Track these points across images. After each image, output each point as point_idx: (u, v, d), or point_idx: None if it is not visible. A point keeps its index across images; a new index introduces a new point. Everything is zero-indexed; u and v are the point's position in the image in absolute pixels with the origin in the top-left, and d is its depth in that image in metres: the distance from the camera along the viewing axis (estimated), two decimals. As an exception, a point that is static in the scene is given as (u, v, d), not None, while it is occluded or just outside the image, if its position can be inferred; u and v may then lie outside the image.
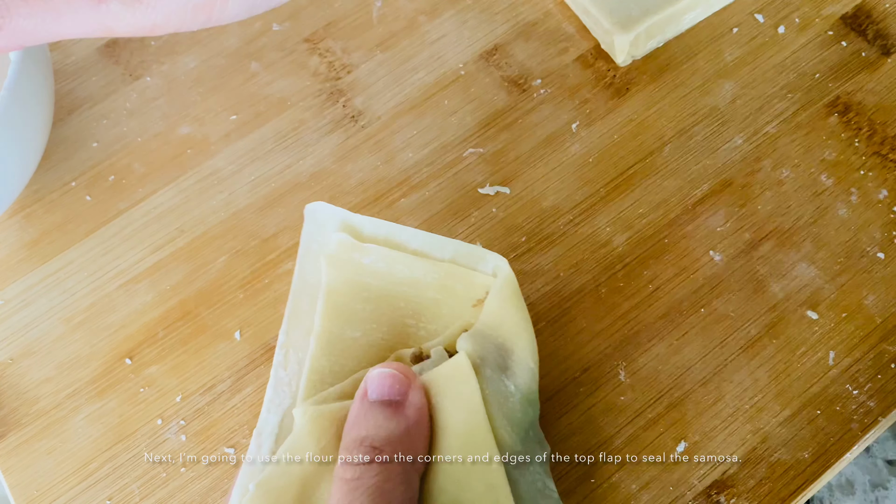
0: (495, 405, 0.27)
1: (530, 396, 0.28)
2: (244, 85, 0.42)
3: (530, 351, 0.28)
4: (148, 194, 0.39)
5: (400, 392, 0.26)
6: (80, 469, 0.33)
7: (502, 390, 0.27)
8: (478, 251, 0.30)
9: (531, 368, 0.28)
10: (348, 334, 0.29)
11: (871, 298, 0.35)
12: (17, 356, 0.36)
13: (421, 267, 0.30)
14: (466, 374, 0.27)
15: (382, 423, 0.25)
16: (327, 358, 0.29)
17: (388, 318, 0.30)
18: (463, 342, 0.28)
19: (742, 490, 0.32)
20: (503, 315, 0.29)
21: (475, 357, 0.27)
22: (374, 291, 0.30)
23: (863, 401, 0.33)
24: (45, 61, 0.36)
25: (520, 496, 0.26)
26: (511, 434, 0.27)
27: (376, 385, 0.26)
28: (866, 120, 0.39)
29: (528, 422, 0.28)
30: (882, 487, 0.38)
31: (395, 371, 0.26)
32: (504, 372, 0.28)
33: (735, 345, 0.34)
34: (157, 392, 0.35)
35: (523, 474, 0.27)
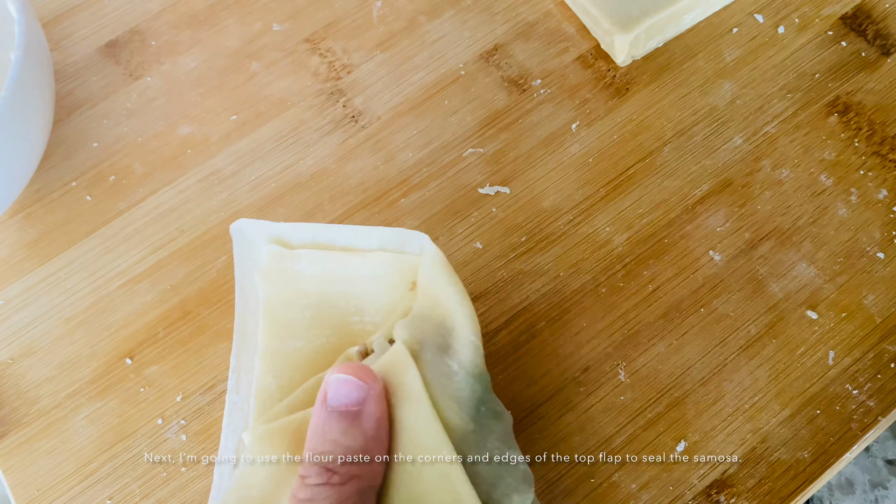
0: (439, 388, 0.26)
1: (475, 371, 0.27)
2: (244, 85, 0.42)
3: (469, 324, 0.27)
4: (148, 194, 0.39)
5: (357, 401, 0.25)
6: (81, 469, 0.33)
7: (445, 371, 0.26)
8: (402, 234, 0.30)
9: (472, 342, 0.27)
10: (291, 346, 0.29)
11: (871, 298, 0.35)
12: (18, 356, 0.36)
13: (352, 261, 0.29)
14: (405, 364, 0.26)
15: (339, 438, 0.24)
16: (273, 375, 0.28)
17: (330, 321, 0.29)
18: (399, 330, 0.27)
19: (742, 490, 0.32)
20: (436, 293, 0.28)
21: (413, 343, 0.27)
22: (311, 297, 0.29)
23: (862, 400, 0.33)
24: (45, 61, 0.36)
25: (480, 475, 0.25)
26: (460, 415, 0.26)
27: (333, 391, 0.25)
28: (866, 120, 0.39)
29: (476, 398, 0.27)
30: (882, 487, 0.38)
31: (354, 377, 0.25)
32: (445, 352, 0.27)
33: (735, 344, 0.34)
34: (157, 392, 0.35)
35: (481, 451, 0.26)
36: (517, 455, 0.27)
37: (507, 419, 0.28)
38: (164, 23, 0.44)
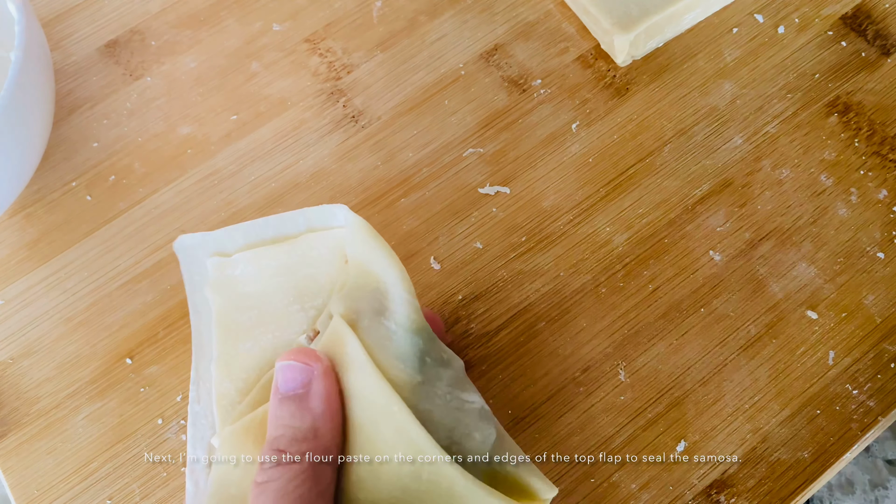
0: (382, 350, 0.27)
1: (412, 326, 0.27)
2: (244, 85, 0.42)
3: (401, 281, 0.28)
4: (148, 194, 0.39)
5: (303, 383, 0.26)
6: (81, 469, 0.33)
7: (383, 333, 0.27)
8: (325, 210, 0.30)
9: (406, 299, 0.28)
10: (241, 349, 0.29)
11: (871, 298, 0.35)
12: (18, 356, 0.36)
13: (283, 251, 0.30)
14: (343, 336, 0.27)
15: (289, 421, 0.25)
16: (229, 380, 0.29)
17: (273, 317, 0.30)
18: (334, 304, 0.28)
19: (742, 490, 0.32)
20: (365, 260, 0.29)
21: (350, 313, 0.27)
22: (252, 298, 0.30)
23: (862, 400, 0.33)
24: (45, 61, 0.36)
25: (437, 422, 0.26)
26: (405, 370, 0.27)
27: (281, 379, 0.26)
28: (866, 120, 0.39)
29: (419, 351, 0.27)
30: (882, 487, 0.38)
31: (296, 360, 0.26)
32: (382, 314, 0.28)
33: (735, 344, 0.34)
34: (157, 392, 0.35)
35: (433, 401, 0.27)
36: (470, 395, 0.28)
37: (455, 364, 0.29)
38: (164, 23, 0.44)
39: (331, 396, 0.26)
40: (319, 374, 0.26)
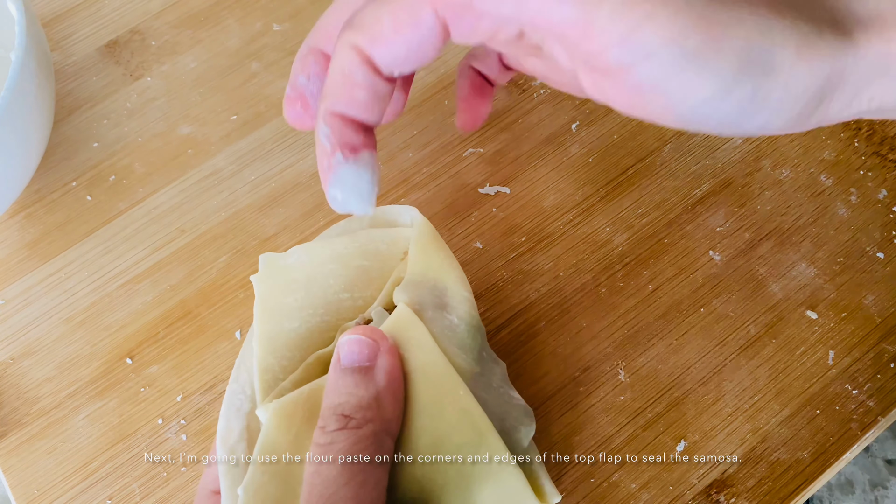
0: (445, 339, 0.28)
1: (473, 322, 0.29)
2: (245, 85, 0.42)
3: (461, 282, 0.29)
4: (148, 194, 0.39)
5: (369, 357, 0.26)
6: (81, 468, 0.33)
7: (447, 325, 0.28)
8: (393, 209, 0.32)
9: (466, 297, 0.29)
10: (286, 327, 0.30)
11: (871, 298, 0.35)
12: (18, 356, 0.36)
13: (340, 242, 0.31)
14: (411, 320, 0.28)
15: (353, 390, 0.26)
16: (273, 356, 0.29)
17: (322, 300, 0.30)
18: (399, 294, 0.29)
19: (742, 489, 0.32)
20: (428, 258, 0.30)
21: (414, 304, 0.28)
22: (301, 282, 0.30)
23: (862, 400, 0.33)
24: (45, 62, 0.36)
25: (490, 411, 0.27)
26: (467, 360, 0.28)
27: (346, 352, 0.27)
28: (866, 120, 0.39)
29: (478, 345, 0.29)
30: (881, 487, 0.38)
31: (363, 336, 0.27)
32: (444, 309, 0.29)
33: (734, 344, 0.35)
34: (157, 392, 0.35)
35: (488, 391, 0.28)
36: (516, 394, 0.29)
37: (502, 365, 0.30)
38: (165, 23, 0.44)
39: (395, 372, 0.27)
40: (385, 350, 0.27)
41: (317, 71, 0.28)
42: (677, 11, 0.20)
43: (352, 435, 0.25)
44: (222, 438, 0.28)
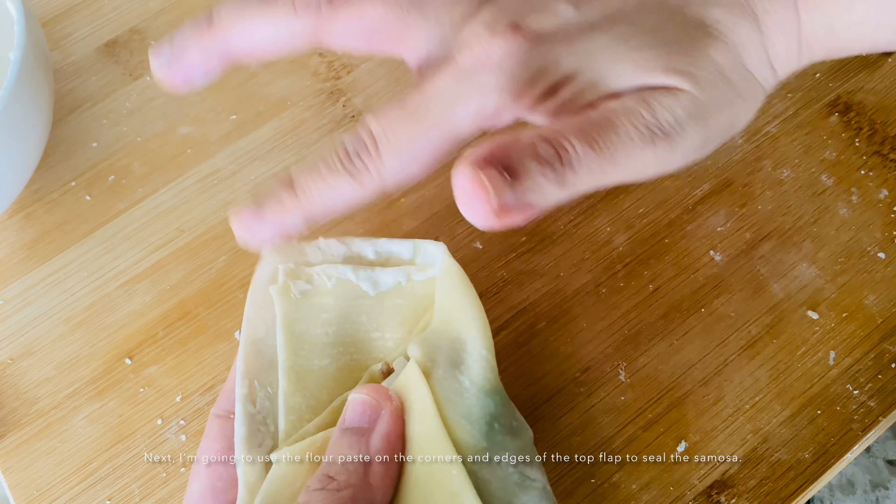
0: (450, 406, 0.26)
1: (486, 387, 0.27)
2: (244, 85, 0.42)
3: (482, 338, 0.27)
4: (148, 194, 0.39)
5: (369, 419, 0.26)
6: (80, 469, 0.33)
7: (455, 388, 0.26)
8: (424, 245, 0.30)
9: (484, 356, 0.27)
10: (316, 364, 0.29)
11: (872, 298, 0.35)
12: (17, 356, 0.36)
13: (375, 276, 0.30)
14: (416, 382, 0.26)
15: (345, 451, 0.25)
16: (301, 394, 0.28)
17: (353, 338, 0.29)
18: (412, 349, 0.27)
19: (742, 490, 0.32)
20: (451, 306, 0.28)
21: (425, 361, 0.27)
22: (332, 312, 0.29)
23: (863, 401, 0.33)
24: (45, 61, 0.36)
25: (492, 494, 0.25)
26: (471, 433, 0.25)
27: (350, 412, 0.26)
28: (867, 119, 0.39)
29: (489, 415, 0.26)
30: (882, 487, 0.38)
31: (367, 396, 0.26)
32: (458, 368, 0.27)
33: (735, 345, 0.34)
34: (156, 392, 0.35)
35: (493, 471, 0.25)
36: (535, 472, 0.26)
37: (524, 435, 0.27)
38: (164, 22, 0.44)
39: (392, 438, 0.26)
40: (387, 414, 0.26)
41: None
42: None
43: (328, 497, 0.24)
44: (243, 474, 0.27)
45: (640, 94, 0.24)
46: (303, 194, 0.25)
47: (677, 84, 0.24)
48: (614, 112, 0.24)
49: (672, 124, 0.24)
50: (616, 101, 0.24)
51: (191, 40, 0.27)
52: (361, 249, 0.31)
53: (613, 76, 0.24)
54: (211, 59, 0.27)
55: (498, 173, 0.23)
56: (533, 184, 0.23)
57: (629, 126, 0.23)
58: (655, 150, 0.24)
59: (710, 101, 0.25)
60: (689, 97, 0.24)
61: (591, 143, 0.23)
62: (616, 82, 0.24)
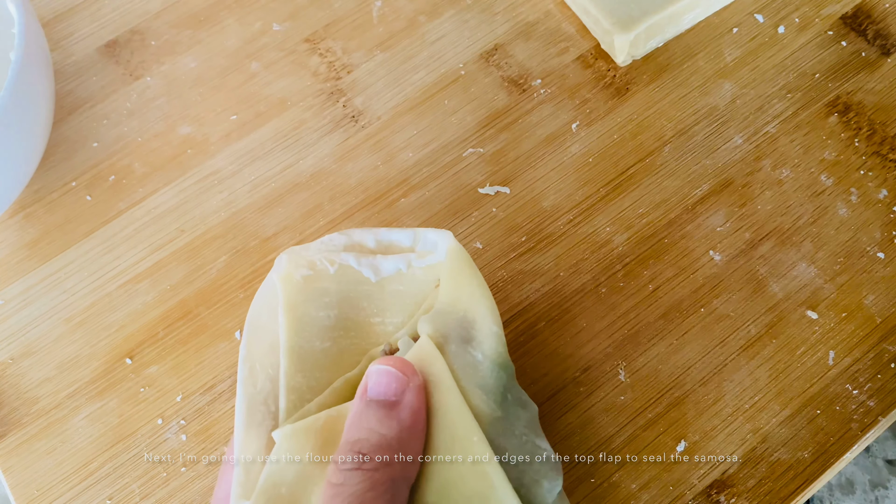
0: (466, 378, 0.26)
1: (499, 360, 0.27)
2: (244, 85, 0.42)
3: (491, 315, 0.28)
4: (148, 194, 0.39)
5: (396, 392, 0.25)
6: (81, 469, 0.33)
7: (470, 361, 0.27)
8: (427, 233, 0.30)
9: (495, 332, 0.28)
10: (317, 346, 0.29)
11: (871, 298, 0.35)
12: (18, 356, 0.36)
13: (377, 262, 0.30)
14: (432, 355, 0.26)
15: (375, 426, 0.24)
16: (302, 374, 0.28)
17: (354, 322, 0.29)
18: (422, 325, 0.28)
19: (742, 490, 0.32)
20: (458, 287, 0.29)
21: (437, 336, 0.27)
22: (334, 296, 0.30)
23: (863, 400, 0.33)
24: (45, 61, 0.36)
25: (509, 461, 0.26)
26: (487, 402, 0.26)
27: (374, 382, 0.26)
28: (866, 120, 0.39)
29: (502, 385, 0.27)
30: (882, 487, 0.38)
31: (393, 368, 0.26)
32: (469, 343, 0.27)
33: (735, 344, 0.34)
34: (157, 392, 0.35)
35: (509, 439, 0.26)
36: (544, 443, 0.27)
37: (531, 408, 0.28)
38: (164, 23, 0.44)
39: (421, 413, 0.25)
40: (414, 387, 0.25)
41: None
42: None
43: (366, 478, 0.23)
44: (240, 453, 0.27)
45: None
46: None
47: None
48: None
49: None
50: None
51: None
52: (362, 239, 0.31)
53: None
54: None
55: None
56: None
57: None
58: None
59: None
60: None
61: None
62: None
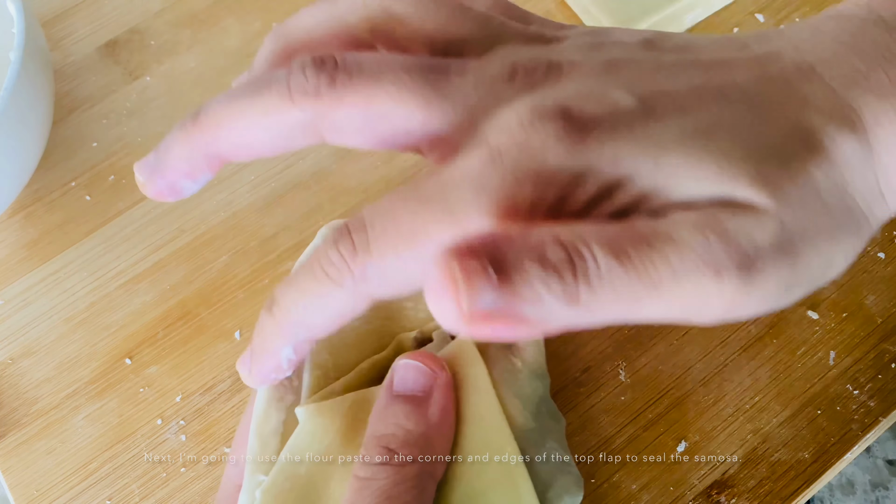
0: (504, 385, 0.26)
1: (538, 370, 0.27)
2: (244, 85, 0.42)
3: None
4: (148, 194, 0.39)
5: (424, 387, 0.25)
6: (80, 469, 0.33)
7: (509, 368, 0.26)
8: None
9: (536, 340, 0.27)
10: (349, 324, 0.29)
11: (872, 298, 0.35)
12: (17, 356, 0.36)
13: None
14: (472, 357, 0.26)
15: (402, 421, 0.24)
16: (328, 351, 0.28)
17: (386, 304, 0.29)
18: None
19: (742, 490, 0.32)
20: None
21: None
22: None
23: (863, 401, 0.33)
24: (44, 61, 0.36)
25: (537, 475, 0.25)
26: (523, 412, 0.26)
27: (400, 376, 0.25)
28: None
29: (538, 396, 0.27)
30: (882, 487, 0.38)
31: (422, 363, 0.25)
32: (509, 348, 0.27)
33: (736, 344, 0.34)
34: (156, 392, 0.35)
35: (540, 452, 0.26)
36: (570, 459, 0.27)
37: (561, 421, 0.28)
38: (164, 22, 0.44)
39: (449, 410, 0.25)
40: (442, 384, 0.25)
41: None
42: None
43: (394, 473, 0.23)
44: (258, 426, 0.27)
45: (710, 210, 0.18)
46: (282, 315, 0.22)
47: (762, 203, 0.18)
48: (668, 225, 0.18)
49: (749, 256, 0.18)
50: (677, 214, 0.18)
51: (175, 144, 0.23)
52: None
53: (683, 181, 0.19)
54: (198, 164, 0.23)
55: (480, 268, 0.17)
56: (529, 293, 0.17)
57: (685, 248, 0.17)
58: (721, 285, 0.18)
59: (803, 232, 0.19)
60: (776, 223, 0.18)
61: (619, 256, 0.17)
62: (685, 189, 0.18)
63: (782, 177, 0.19)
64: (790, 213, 0.18)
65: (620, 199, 0.19)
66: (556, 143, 0.19)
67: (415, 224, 0.19)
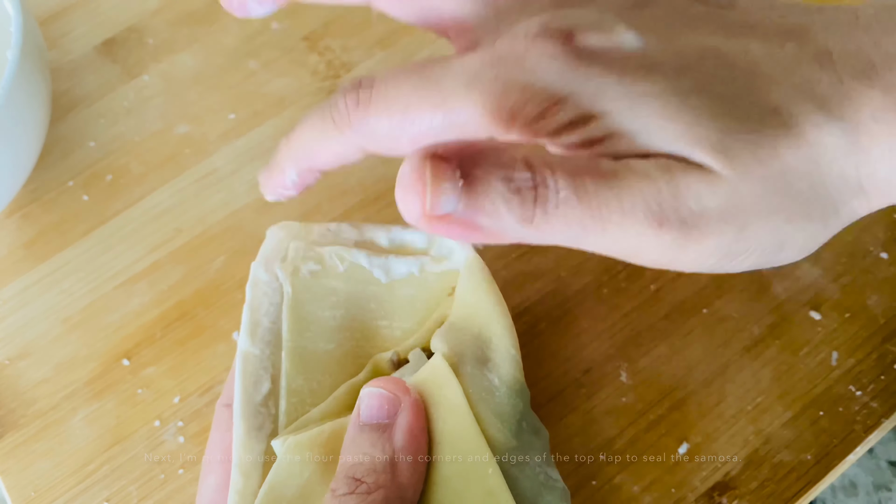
0: (481, 404, 0.25)
1: (515, 386, 0.26)
2: (242, 83, 0.42)
3: (508, 336, 0.27)
4: (145, 194, 0.39)
5: (388, 414, 0.25)
6: (78, 470, 0.33)
7: (486, 386, 0.26)
8: (446, 242, 0.30)
9: (512, 355, 0.27)
10: (321, 347, 0.28)
11: (875, 299, 0.35)
12: (14, 357, 0.35)
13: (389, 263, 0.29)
14: (446, 377, 0.25)
15: (367, 450, 0.24)
16: (303, 377, 0.28)
17: (360, 324, 0.29)
18: (437, 342, 0.27)
19: (744, 492, 0.32)
20: (475, 301, 0.28)
21: (452, 355, 0.26)
22: (341, 296, 0.29)
23: (866, 402, 0.33)
24: (42, 60, 0.36)
25: (521, 494, 0.25)
26: (503, 431, 0.25)
27: (365, 405, 0.25)
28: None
29: (518, 413, 0.26)
30: (885, 489, 0.38)
31: (385, 390, 0.25)
32: (485, 365, 0.27)
33: (738, 345, 0.34)
34: (154, 393, 0.34)
35: (523, 470, 0.26)
36: (555, 472, 0.27)
37: (543, 435, 0.28)
38: (162, 21, 0.43)
39: (415, 432, 0.25)
40: (407, 407, 0.25)
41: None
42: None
43: (360, 502, 0.23)
44: (239, 460, 0.26)
45: (668, 164, 0.20)
46: (294, 142, 0.25)
47: (720, 169, 0.20)
48: (628, 170, 0.20)
49: (693, 214, 0.19)
50: (637, 162, 0.20)
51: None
52: (374, 236, 0.30)
53: (653, 132, 0.20)
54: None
55: (449, 171, 0.19)
56: (490, 206, 0.19)
57: (637, 194, 0.19)
58: (660, 235, 0.20)
59: (754, 205, 0.20)
60: (728, 190, 0.20)
61: (579, 191, 0.19)
62: (652, 140, 0.20)
63: (746, 150, 0.20)
64: (747, 186, 0.20)
65: (590, 132, 0.20)
66: (549, 63, 0.20)
67: (410, 98, 0.21)
